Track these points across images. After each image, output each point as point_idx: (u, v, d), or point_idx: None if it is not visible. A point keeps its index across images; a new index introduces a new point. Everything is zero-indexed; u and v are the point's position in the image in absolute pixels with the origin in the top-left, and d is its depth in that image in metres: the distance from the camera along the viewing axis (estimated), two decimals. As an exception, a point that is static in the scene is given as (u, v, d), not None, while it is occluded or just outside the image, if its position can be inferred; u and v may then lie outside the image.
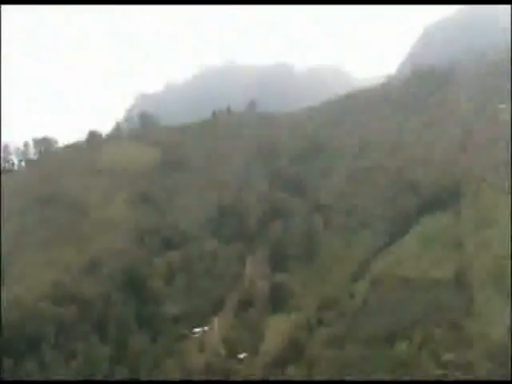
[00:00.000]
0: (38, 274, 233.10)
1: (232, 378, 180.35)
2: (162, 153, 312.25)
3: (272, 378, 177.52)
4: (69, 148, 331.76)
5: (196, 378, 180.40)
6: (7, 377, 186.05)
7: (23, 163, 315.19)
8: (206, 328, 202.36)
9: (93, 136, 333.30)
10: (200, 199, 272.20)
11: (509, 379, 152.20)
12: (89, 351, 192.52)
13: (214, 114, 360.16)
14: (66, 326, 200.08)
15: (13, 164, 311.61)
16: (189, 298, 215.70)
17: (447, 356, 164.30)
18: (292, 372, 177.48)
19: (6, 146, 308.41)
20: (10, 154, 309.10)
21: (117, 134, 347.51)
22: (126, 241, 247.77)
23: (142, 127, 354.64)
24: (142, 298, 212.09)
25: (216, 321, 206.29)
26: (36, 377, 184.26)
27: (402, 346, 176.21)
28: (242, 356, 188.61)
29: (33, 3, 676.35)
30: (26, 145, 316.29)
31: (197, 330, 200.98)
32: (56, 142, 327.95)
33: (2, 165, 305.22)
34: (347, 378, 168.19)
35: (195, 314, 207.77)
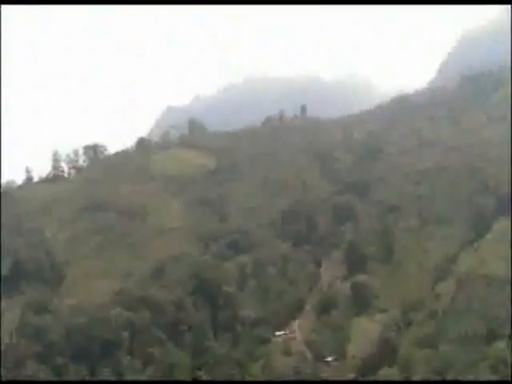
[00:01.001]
0: (96, 280, 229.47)
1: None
2: (215, 158, 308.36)
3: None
4: (118, 155, 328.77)
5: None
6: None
7: (72, 170, 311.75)
8: (287, 331, 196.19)
9: (142, 143, 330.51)
10: (261, 203, 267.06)
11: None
12: (166, 357, 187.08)
13: (266, 119, 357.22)
14: (140, 331, 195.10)
15: (62, 171, 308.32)
16: (264, 301, 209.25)
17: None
18: (386, 373, 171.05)
19: (56, 153, 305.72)
20: (60, 161, 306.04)
21: (165, 141, 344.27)
22: (188, 246, 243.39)
23: (191, 134, 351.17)
24: (215, 303, 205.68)
25: (297, 324, 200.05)
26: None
27: (500, 345, 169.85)
28: (329, 359, 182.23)
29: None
30: (75, 152, 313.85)
31: (278, 333, 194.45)
32: (105, 149, 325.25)
33: (53, 172, 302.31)
34: (448, 378, 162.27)
35: (273, 318, 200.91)
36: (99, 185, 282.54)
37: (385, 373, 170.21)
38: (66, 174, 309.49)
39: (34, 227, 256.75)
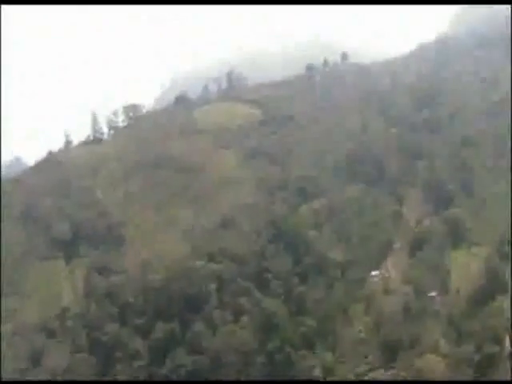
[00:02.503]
0: (161, 237, 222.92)
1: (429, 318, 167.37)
2: (261, 109, 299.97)
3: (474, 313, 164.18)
4: (159, 112, 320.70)
5: (389, 320, 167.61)
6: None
7: (112, 132, 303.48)
8: (382, 271, 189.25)
9: (181, 99, 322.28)
10: (322, 149, 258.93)
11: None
12: (256, 306, 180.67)
13: (309, 66, 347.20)
14: (226, 282, 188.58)
15: (102, 133, 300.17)
16: (348, 244, 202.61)
17: None
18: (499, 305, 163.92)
19: (94, 116, 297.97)
20: (99, 123, 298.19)
21: (205, 96, 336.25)
22: (253, 196, 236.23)
23: (230, 87, 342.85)
24: (296, 250, 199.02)
25: (389, 263, 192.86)
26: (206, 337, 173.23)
27: None
28: (433, 294, 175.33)
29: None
30: (115, 113, 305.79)
31: (374, 273, 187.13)
32: (144, 108, 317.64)
33: (93, 135, 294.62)
34: None
35: (362, 259, 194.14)
36: (147, 142, 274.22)
37: (499, 304, 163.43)
38: (106, 136, 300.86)
39: (84, 188, 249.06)
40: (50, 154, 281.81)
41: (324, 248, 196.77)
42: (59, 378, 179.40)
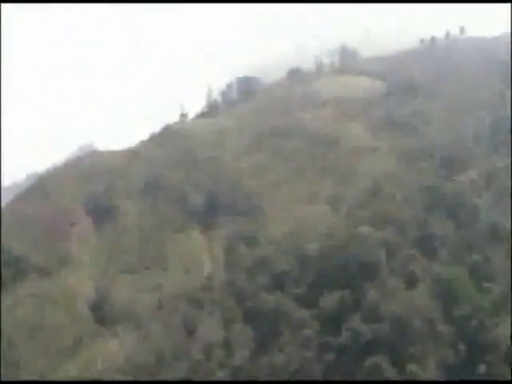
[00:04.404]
0: (303, 206, 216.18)
1: None
2: (384, 81, 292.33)
3: None
4: (273, 86, 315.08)
5: None
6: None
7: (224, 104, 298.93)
8: None
9: (295, 73, 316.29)
10: (458, 120, 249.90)
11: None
12: (428, 274, 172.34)
13: (421, 41, 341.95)
14: (394, 250, 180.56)
15: (217, 106, 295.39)
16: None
17: None
18: None
19: (209, 88, 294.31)
20: (212, 96, 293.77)
21: (318, 69, 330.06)
22: (394, 166, 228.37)
23: (342, 61, 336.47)
24: (458, 217, 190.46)
25: None
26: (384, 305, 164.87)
27: None
28: None
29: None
30: (228, 85, 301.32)
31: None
32: (257, 81, 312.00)
33: (209, 106, 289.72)
34: None
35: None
36: (269, 113, 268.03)
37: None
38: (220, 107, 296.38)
39: (212, 159, 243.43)
40: (166, 126, 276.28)
41: (492, 216, 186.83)
42: (216, 350, 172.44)
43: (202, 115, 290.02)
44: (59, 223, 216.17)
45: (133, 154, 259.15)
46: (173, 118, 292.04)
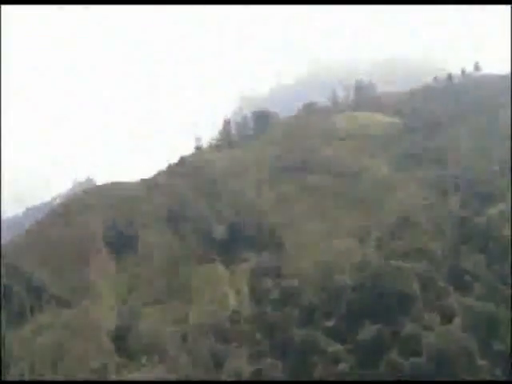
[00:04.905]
0: (328, 241, 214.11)
1: None
2: (403, 118, 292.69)
3: None
4: (289, 119, 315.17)
5: None
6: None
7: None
8: None
9: (308, 107, 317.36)
10: (476, 150, 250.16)
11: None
12: (463, 308, 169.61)
13: (434, 79, 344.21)
14: (426, 282, 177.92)
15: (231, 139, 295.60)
16: None
17: None
18: None
19: (227, 122, 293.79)
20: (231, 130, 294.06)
21: (335, 103, 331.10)
22: (422, 199, 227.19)
23: (357, 97, 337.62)
24: (491, 251, 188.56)
25: None
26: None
27: None
28: None
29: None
30: (244, 118, 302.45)
31: None
32: (274, 115, 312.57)
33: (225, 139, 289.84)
34: None
35: None
36: (288, 147, 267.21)
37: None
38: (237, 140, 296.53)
39: (234, 191, 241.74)
40: (182, 158, 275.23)
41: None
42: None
43: (217, 147, 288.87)
44: (79, 252, 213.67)
45: (152, 185, 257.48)
46: (181, 149, 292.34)
